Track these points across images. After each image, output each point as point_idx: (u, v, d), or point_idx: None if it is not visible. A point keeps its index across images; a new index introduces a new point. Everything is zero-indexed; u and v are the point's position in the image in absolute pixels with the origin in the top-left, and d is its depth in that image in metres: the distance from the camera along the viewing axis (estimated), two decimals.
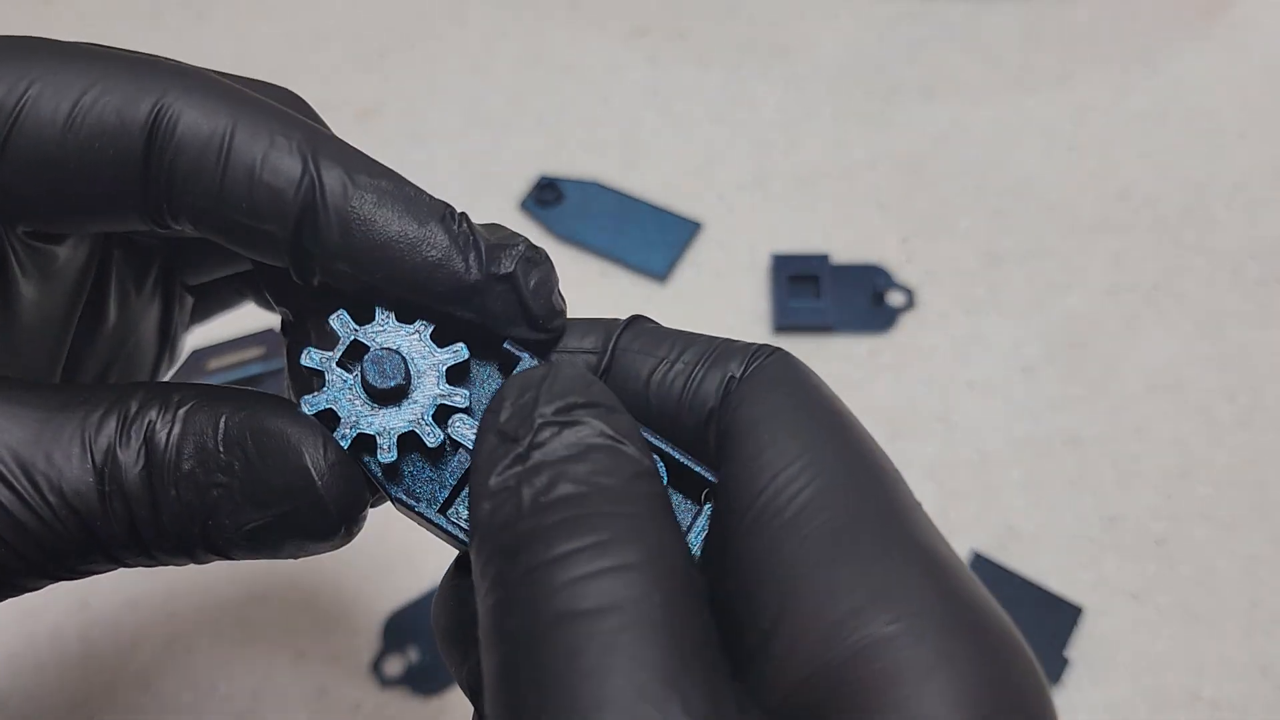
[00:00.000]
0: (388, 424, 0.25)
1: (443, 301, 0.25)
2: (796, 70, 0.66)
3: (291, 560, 0.26)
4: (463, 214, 0.25)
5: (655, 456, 0.24)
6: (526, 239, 0.26)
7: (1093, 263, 0.58)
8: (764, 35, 0.68)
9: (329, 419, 0.25)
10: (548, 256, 0.26)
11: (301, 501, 0.24)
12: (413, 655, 0.47)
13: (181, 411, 0.24)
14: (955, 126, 0.63)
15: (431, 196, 0.25)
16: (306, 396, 0.25)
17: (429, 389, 0.25)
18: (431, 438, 0.25)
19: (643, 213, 0.60)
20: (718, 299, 0.57)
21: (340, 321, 0.25)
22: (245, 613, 0.48)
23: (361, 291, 0.25)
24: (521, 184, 0.61)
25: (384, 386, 0.25)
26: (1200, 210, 0.60)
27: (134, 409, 0.24)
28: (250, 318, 0.52)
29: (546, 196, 0.60)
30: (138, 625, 0.48)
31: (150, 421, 0.24)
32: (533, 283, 0.25)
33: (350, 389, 0.25)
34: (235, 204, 0.24)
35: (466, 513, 0.25)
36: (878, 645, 0.19)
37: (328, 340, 0.26)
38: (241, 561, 0.26)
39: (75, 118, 0.24)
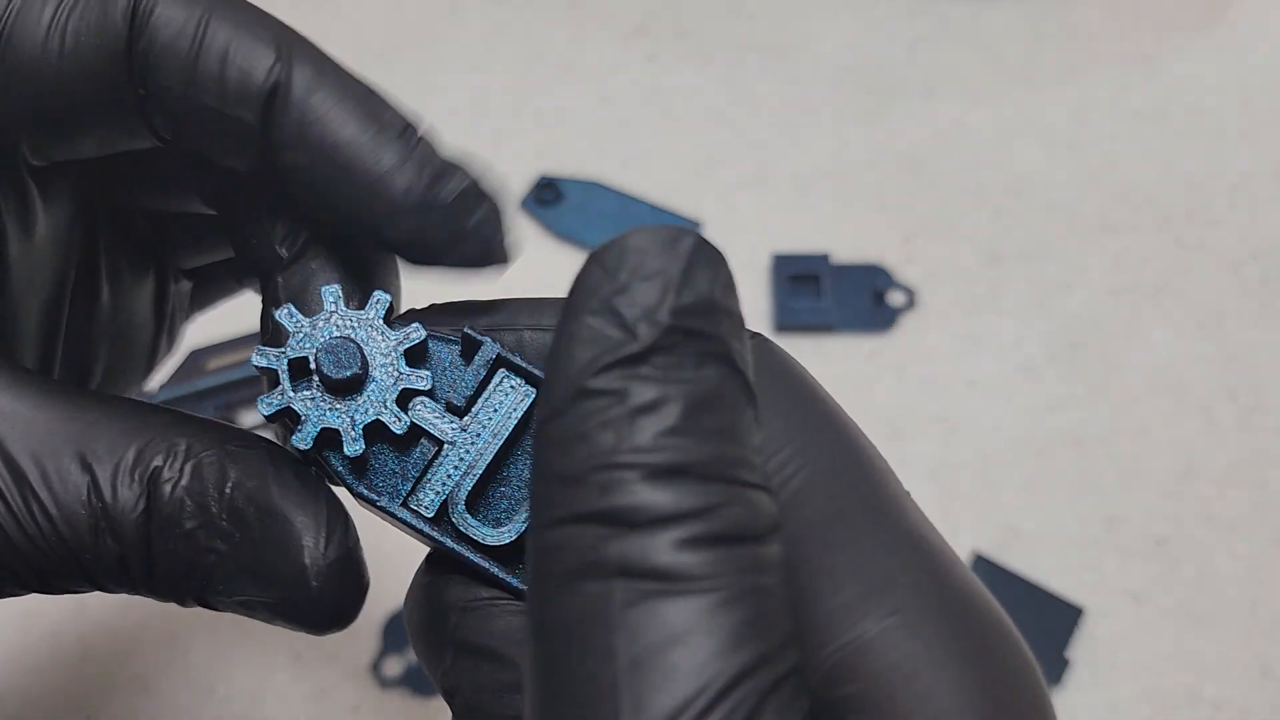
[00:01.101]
0: (351, 415, 0.24)
1: (380, 215, 0.24)
2: (797, 69, 0.66)
3: None
4: (424, 134, 0.25)
5: None
6: (485, 177, 0.25)
7: (1094, 262, 0.58)
8: (764, 34, 0.68)
9: (289, 417, 0.24)
10: (500, 197, 0.25)
11: (293, 594, 0.23)
12: (412, 656, 0.47)
13: (189, 466, 0.23)
14: (956, 126, 0.63)
15: (398, 112, 0.25)
16: (262, 397, 0.24)
17: (388, 374, 0.24)
18: (397, 425, 0.24)
19: (643, 212, 0.60)
20: None
21: (286, 314, 0.25)
22: None
23: (311, 198, 0.25)
24: (521, 184, 0.61)
25: (341, 377, 0.24)
26: (1202, 210, 0.60)
27: (134, 453, 0.23)
28: (249, 317, 0.52)
29: (546, 196, 0.60)
30: (136, 626, 0.48)
31: (156, 468, 0.23)
32: (475, 216, 0.25)
33: (307, 383, 0.24)
34: (206, 87, 0.24)
35: (427, 500, 0.24)
36: (873, 643, 0.19)
37: (272, 335, 0.26)
38: None
39: (59, 17, 0.24)
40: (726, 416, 0.18)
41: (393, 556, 0.49)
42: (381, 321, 0.25)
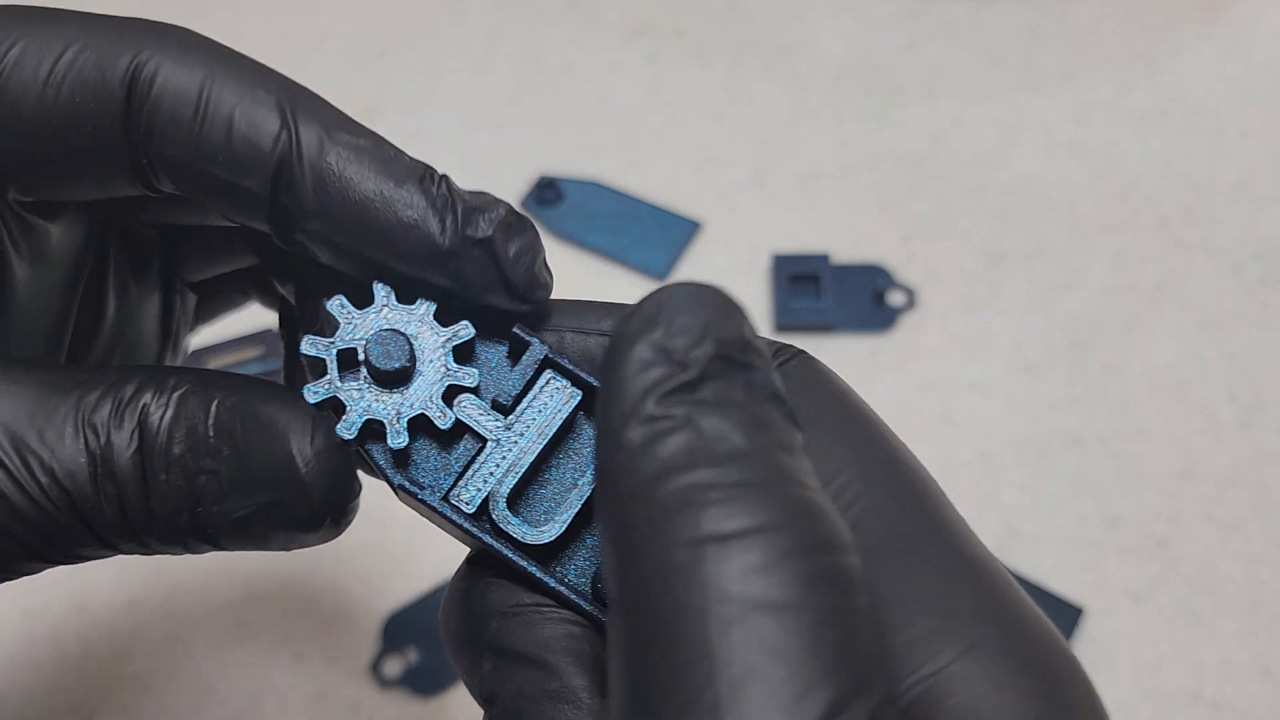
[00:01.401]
0: (397, 407, 0.24)
1: (417, 265, 0.24)
2: (796, 69, 0.66)
3: (290, 557, 0.26)
4: (443, 176, 0.25)
5: None
6: (510, 205, 0.25)
7: (1094, 262, 0.58)
8: (764, 34, 0.68)
9: (334, 406, 0.24)
10: (532, 226, 0.25)
11: (284, 490, 0.24)
12: (412, 656, 0.47)
13: (176, 395, 0.24)
14: (956, 126, 0.63)
15: (411, 158, 0.25)
16: (309, 385, 0.24)
17: (436, 369, 0.25)
18: (443, 420, 0.24)
19: (642, 212, 0.60)
20: None
21: (338, 305, 0.25)
22: (244, 614, 0.48)
23: (338, 257, 0.24)
24: (521, 184, 0.61)
25: (389, 369, 0.24)
26: (1202, 210, 0.60)
27: (129, 391, 0.24)
28: (249, 318, 0.51)
29: (546, 196, 0.60)
30: (136, 627, 0.48)
31: (145, 404, 0.24)
32: (513, 250, 0.24)
33: (354, 374, 0.24)
34: (213, 157, 0.24)
35: (467, 495, 0.24)
36: (953, 677, 0.19)
37: (322, 325, 0.26)
38: (238, 558, 0.25)
39: (56, 75, 0.24)
40: (784, 437, 0.18)
41: (392, 558, 0.49)
42: (432, 318, 0.25)
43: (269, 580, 0.49)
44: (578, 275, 0.58)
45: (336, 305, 0.25)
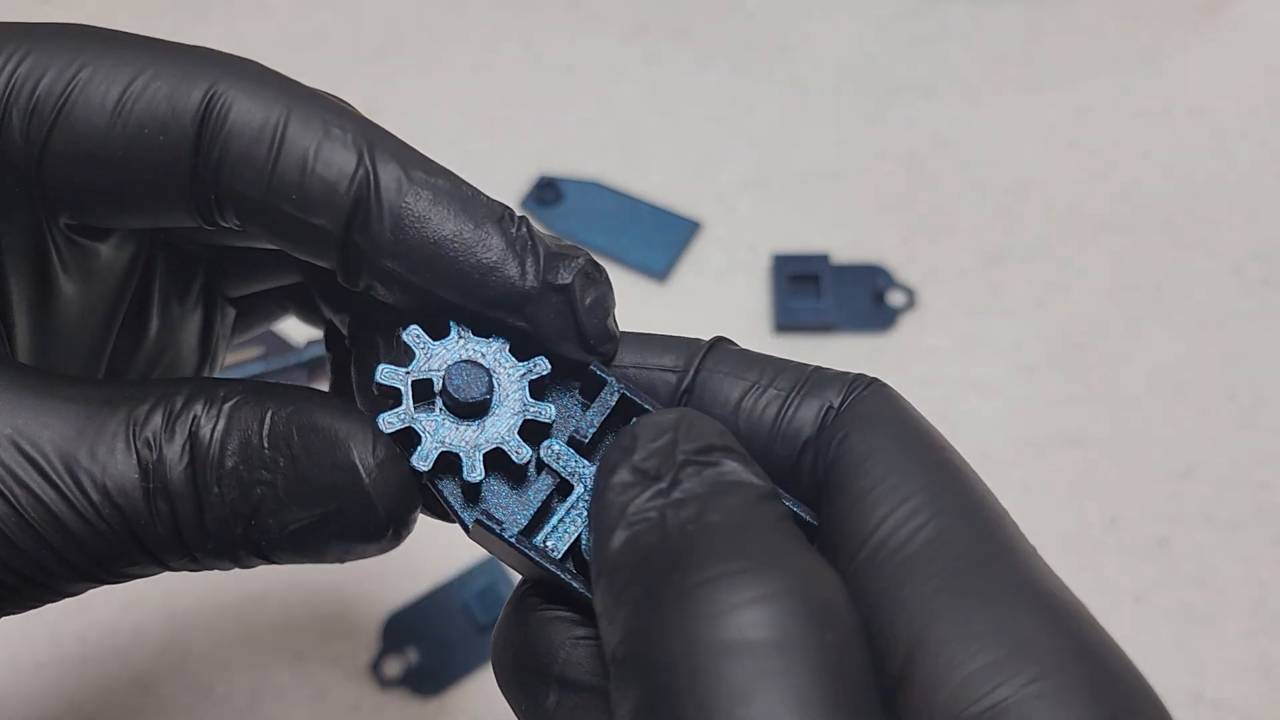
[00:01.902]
0: (473, 440, 0.24)
1: (494, 307, 0.24)
2: (797, 69, 0.66)
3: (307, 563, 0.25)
4: (522, 218, 0.24)
5: None
6: (588, 254, 0.24)
7: (1094, 262, 0.58)
8: (765, 34, 0.68)
9: (408, 438, 0.24)
10: (608, 277, 0.25)
11: (347, 500, 0.23)
12: (412, 656, 0.47)
13: (227, 406, 0.23)
14: (956, 125, 0.63)
15: (489, 198, 0.24)
16: (383, 414, 0.24)
17: (513, 404, 0.24)
18: (519, 455, 0.24)
19: (643, 212, 0.60)
20: (718, 299, 0.57)
21: (414, 336, 0.24)
22: (244, 614, 0.48)
23: (409, 297, 0.24)
24: (521, 184, 0.61)
25: (468, 399, 0.23)
26: (1202, 210, 0.60)
27: (179, 404, 0.23)
28: None
29: (546, 196, 0.60)
30: (136, 626, 0.48)
31: (195, 416, 0.23)
32: (589, 300, 0.24)
33: (428, 405, 0.24)
34: (285, 195, 0.23)
35: (553, 542, 0.24)
36: (1019, 707, 0.18)
37: (395, 355, 0.25)
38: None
39: (125, 103, 0.23)
40: (744, 511, 0.20)
41: (391, 559, 0.49)
42: (507, 352, 0.24)
43: (269, 580, 0.49)
44: None
45: (413, 336, 0.24)
